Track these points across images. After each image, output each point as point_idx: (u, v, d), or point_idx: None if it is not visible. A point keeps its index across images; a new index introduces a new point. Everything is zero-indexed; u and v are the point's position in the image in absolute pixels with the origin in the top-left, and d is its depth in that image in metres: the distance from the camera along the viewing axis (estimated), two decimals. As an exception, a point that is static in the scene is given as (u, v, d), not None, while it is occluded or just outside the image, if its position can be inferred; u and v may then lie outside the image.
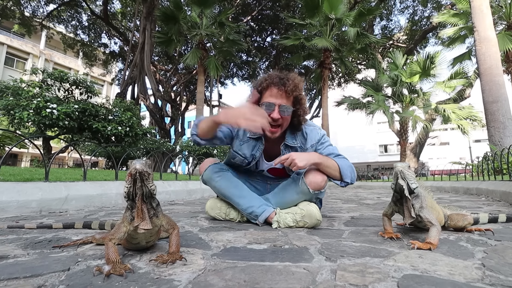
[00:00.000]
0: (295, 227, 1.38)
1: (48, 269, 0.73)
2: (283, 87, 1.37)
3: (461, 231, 1.24)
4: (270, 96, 1.39)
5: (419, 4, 16.53)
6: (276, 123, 1.39)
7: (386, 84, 12.01)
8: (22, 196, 1.88)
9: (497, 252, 0.89)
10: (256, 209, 1.45)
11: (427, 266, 0.75)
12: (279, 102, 1.38)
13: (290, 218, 1.38)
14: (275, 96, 1.38)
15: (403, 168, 1.05)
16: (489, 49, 6.18)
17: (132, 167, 0.77)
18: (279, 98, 1.38)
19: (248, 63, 18.42)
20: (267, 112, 1.35)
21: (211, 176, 1.57)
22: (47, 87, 6.13)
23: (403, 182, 1.04)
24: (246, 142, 1.55)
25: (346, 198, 3.68)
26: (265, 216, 1.43)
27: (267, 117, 1.26)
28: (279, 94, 1.38)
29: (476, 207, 2.28)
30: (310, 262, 0.80)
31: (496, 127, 5.89)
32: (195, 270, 0.73)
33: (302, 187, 1.40)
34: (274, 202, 1.51)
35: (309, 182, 1.39)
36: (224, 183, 1.54)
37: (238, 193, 1.52)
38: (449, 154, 30.01)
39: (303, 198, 1.44)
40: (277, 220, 1.39)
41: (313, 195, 1.42)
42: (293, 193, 1.45)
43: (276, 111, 1.37)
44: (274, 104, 1.37)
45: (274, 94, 1.38)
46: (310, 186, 1.39)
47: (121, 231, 0.79)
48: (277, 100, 1.38)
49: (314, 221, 1.36)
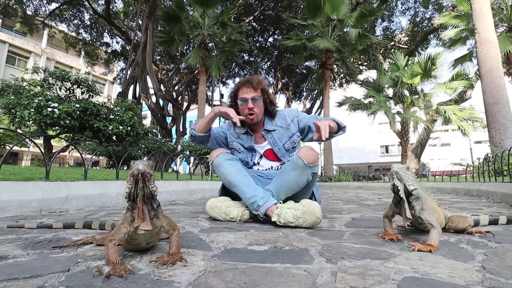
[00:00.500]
0: (294, 223, 1.39)
1: (48, 269, 0.73)
2: (249, 83, 1.73)
3: (461, 233, 1.24)
4: (242, 93, 1.73)
5: (420, 5, 16.53)
6: (252, 111, 1.71)
7: (388, 85, 12.01)
8: (22, 196, 1.88)
9: (498, 254, 0.89)
10: (259, 199, 1.51)
11: (428, 268, 0.74)
12: (250, 95, 1.71)
13: (291, 214, 1.40)
14: (246, 92, 1.73)
15: (398, 169, 1.05)
16: (490, 51, 6.16)
17: (135, 168, 0.77)
18: (249, 93, 1.72)
19: (250, 63, 18.42)
20: (243, 105, 1.72)
21: (221, 162, 1.67)
22: (49, 86, 6.14)
23: (399, 183, 1.04)
24: (238, 137, 1.82)
25: (347, 199, 3.67)
26: (266, 207, 1.48)
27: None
28: (249, 90, 1.73)
29: (476, 209, 2.27)
30: (311, 264, 0.80)
31: (497, 129, 5.87)
32: (195, 271, 0.73)
33: (297, 162, 1.50)
34: (273, 187, 1.58)
35: (303, 155, 1.50)
36: (234, 170, 1.65)
37: (245, 182, 1.60)
38: (450, 155, 29.96)
39: (300, 173, 1.51)
40: (277, 214, 1.42)
41: (309, 168, 1.51)
42: (289, 170, 1.54)
43: (249, 102, 1.70)
44: (247, 98, 1.71)
45: (245, 91, 1.73)
46: (305, 158, 1.49)
47: (121, 232, 0.79)
48: (249, 94, 1.72)
49: (314, 219, 1.38)
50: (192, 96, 19.29)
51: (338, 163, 28.34)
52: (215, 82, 17.94)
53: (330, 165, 12.54)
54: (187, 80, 17.85)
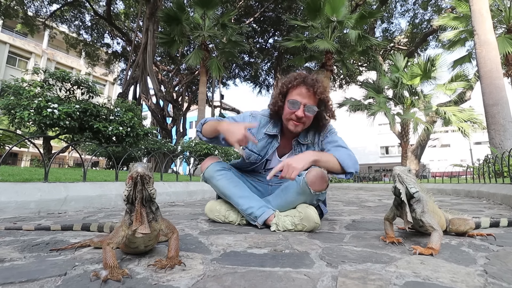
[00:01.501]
0: (293, 230, 1.36)
1: (45, 273, 0.72)
2: (312, 88, 1.42)
3: (462, 236, 1.23)
4: (297, 94, 1.44)
5: (419, 7, 16.56)
6: (300, 121, 1.45)
7: (387, 86, 12.01)
8: (21, 197, 1.87)
9: (499, 258, 0.88)
10: (255, 210, 1.44)
11: (429, 272, 0.74)
12: (305, 101, 1.43)
13: (289, 221, 1.37)
14: (302, 96, 1.43)
15: (401, 172, 1.04)
16: (489, 52, 6.17)
17: (134, 170, 0.76)
18: (306, 98, 1.43)
19: (250, 64, 18.44)
20: (291, 109, 1.43)
21: (212, 175, 1.57)
22: (49, 86, 6.13)
23: (400, 186, 1.03)
24: (261, 139, 1.57)
25: (347, 200, 3.66)
26: (264, 218, 1.42)
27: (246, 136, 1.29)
28: (307, 94, 1.43)
29: (477, 211, 2.27)
30: (311, 268, 0.79)
31: (497, 130, 5.87)
32: (194, 275, 0.72)
33: (303, 188, 1.37)
34: (274, 203, 1.50)
35: (310, 182, 1.36)
36: (225, 182, 1.54)
37: (239, 193, 1.50)
38: (450, 156, 29.97)
39: (303, 199, 1.41)
40: (275, 223, 1.38)
41: (314, 196, 1.39)
42: (293, 193, 1.43)
43: (301, 110, 1.42)
44: (300, 102, 1.42)
45: (302, 93, 1.43)
46: (312, 186, 1.35)
47: (119, 235, 0.78)
48: (304, 99, 1.43)
49: (312, 224, 1.35)
50: (192, 97, 19.29)
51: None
52: (215, 83, 17.93)
53: (330, 166, 12.52)
54: (187, 81, 17.86)
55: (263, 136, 1.57)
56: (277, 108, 1.51)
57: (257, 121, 1.59)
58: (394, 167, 1.07)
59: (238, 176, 1.61)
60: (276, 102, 1.50)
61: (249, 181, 1.68)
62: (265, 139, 1.57)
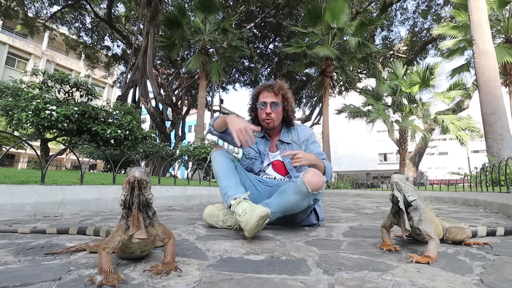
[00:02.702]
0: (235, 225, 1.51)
1: (39, 278, 0.71)
2: (271, 89, 1.73)
3: (459, 245, 1.23)
4: (263, 98, 1.74)
5: (419, 16, 16.76)
6: (269, 116, 1.72)
7: (386, 94, 12.10)
8: (17, 199, 1.86)
9: (496, 267, 0.88)
10: (229, 190, 1.49)
11: (426, 281, 0.73)
12: (269, 100, 1.72)
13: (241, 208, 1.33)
14: (266, 97, 1.74)
15: (399, 180, 1.04)
16: (487, 62, 6.23)
17: (131, 175, 0.76)
18: (269, 97, 1.73)
19: (250, 69, 18.52)
20: (261, 109, 1.73)
21: (216, 155, 1.69)
22: (47, 88, 6.12)
23: (398, 194, 1.03)
24: (256, 138, 1.81)
25: (345, 207, 3.66)
26: (231, 199, 1.44)
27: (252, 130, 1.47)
28: (269, 95, 1.73)
29: (474, 219, 2.27)
30: (308, 275, 0.79)
31: (494, 139, 5.90)
32: (190, 282, 0.71)
33: (301, 187, 1.43)
34: (273, 204, 1.50)
35: (307, 181, 1.42)
36: (223, 164, 1.65)
37: (228, 174, 1.60)
38: (448, 164, 30.02)
39: (302, 198, 1.45)
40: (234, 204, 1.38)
41: (312, 195, 1.45)
42: (291, 193, 1.47)
43: (268, 107, 1.71)
44: (266, 102, 1.72)
45: (266, 95, 1.74)
46: (309, 185, 1.42)
47: (115, 240, 0.78)
48: (268, 99, 1.72)
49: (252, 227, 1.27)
50: (192, 101, 19.32)
51: (337, 170, 28.35)
52: (215, 88, 17.99)
53: (329, 172, 12.53)
54: (187, 85, 17.90)
55: (255, 138, 1.79)
56: (253, 115, 1.84)
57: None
58: (392, 175, 1.08)
59: (240, 170, 1.73)
60: (251, 111, 1.83)
61: (251, 180, 1.75)
62: (257, 140, 1.83)
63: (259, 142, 1.84)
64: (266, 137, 1.84)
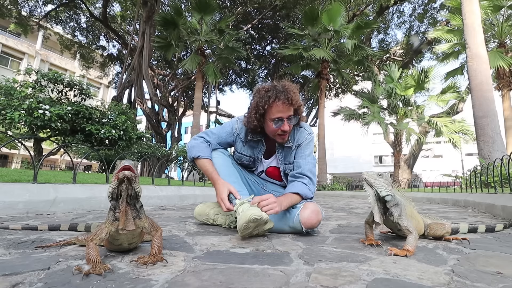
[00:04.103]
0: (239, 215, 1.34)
1: (28, 268, 0.74)
2: (287, 101, 1.43)
3: (439, 240, 1.27)
4: (278, 112, 1.45)
5: (416, 19, 16.94)
6: (285, 133, 1.49)
7: (382, 96, 12.19)
8: (9, 197, 1.87)
9: (469, 259, 0.93)
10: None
11: (399, 270, 0.77)
12: (286, 115, 1.46)
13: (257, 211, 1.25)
14: (282, 111, 1.45)
15: (367, 176, 1.09)
16: (480, 65, 6.33)
17: (120, 168, 0.79)
18: (286, 111, 1.45)
19: (247, 71, 18.56)
20: (277, 127, 1.46)
21: (215, 152, 1.61)
22: (41, 88, 6.10)
23: (368, 189, 1.08)
24: (248, 143, 1.63)
25: (337, 207, 3.70)
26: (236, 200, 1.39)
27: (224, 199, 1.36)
28: (286, 108, 1.45)
29: (460, 218, 2.32)
30: (289, 265, 0.82)
31: (486, 141, 6.00)
32: (174, 271, 0.74)
33: (296, 225, 1.37)
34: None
35: (304, 221, 1.36)
36: (220, 161, 1.57)
37: (228, 173, 1.51)
38: (442, 166, 30.27)
39: (294, 231, 1.41)
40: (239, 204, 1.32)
41: (304, 231, 1.38)
42: (284, 224, 1.43)
43: (286, 124, 1.46)
44: (283, 118, 1.45)
45: (282, 110, 1.45)
46: (305, 225, 1.36)
47: (102, 232, 0.80)
48: (285, 114, 1.45)
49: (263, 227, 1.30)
50: (188, 102, 19.30)
51: (333, 172, 28.43)
52: (211, 89, 18.00)
53: (324, 174, 12.61)
54: (183, 86, 17.88)
55: (249, 141, 1.62)
56: (253, 126, 1.52)
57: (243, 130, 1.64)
58: (362, 172, 1.13)
59: (236, 166, 1.64)
60: (253, 121, 1.50)
61: (246, 177, 1.70)
62: (250, 143, 1.63)
63: (253, 146, 1.64)
64: (262, 141, 1.63)
